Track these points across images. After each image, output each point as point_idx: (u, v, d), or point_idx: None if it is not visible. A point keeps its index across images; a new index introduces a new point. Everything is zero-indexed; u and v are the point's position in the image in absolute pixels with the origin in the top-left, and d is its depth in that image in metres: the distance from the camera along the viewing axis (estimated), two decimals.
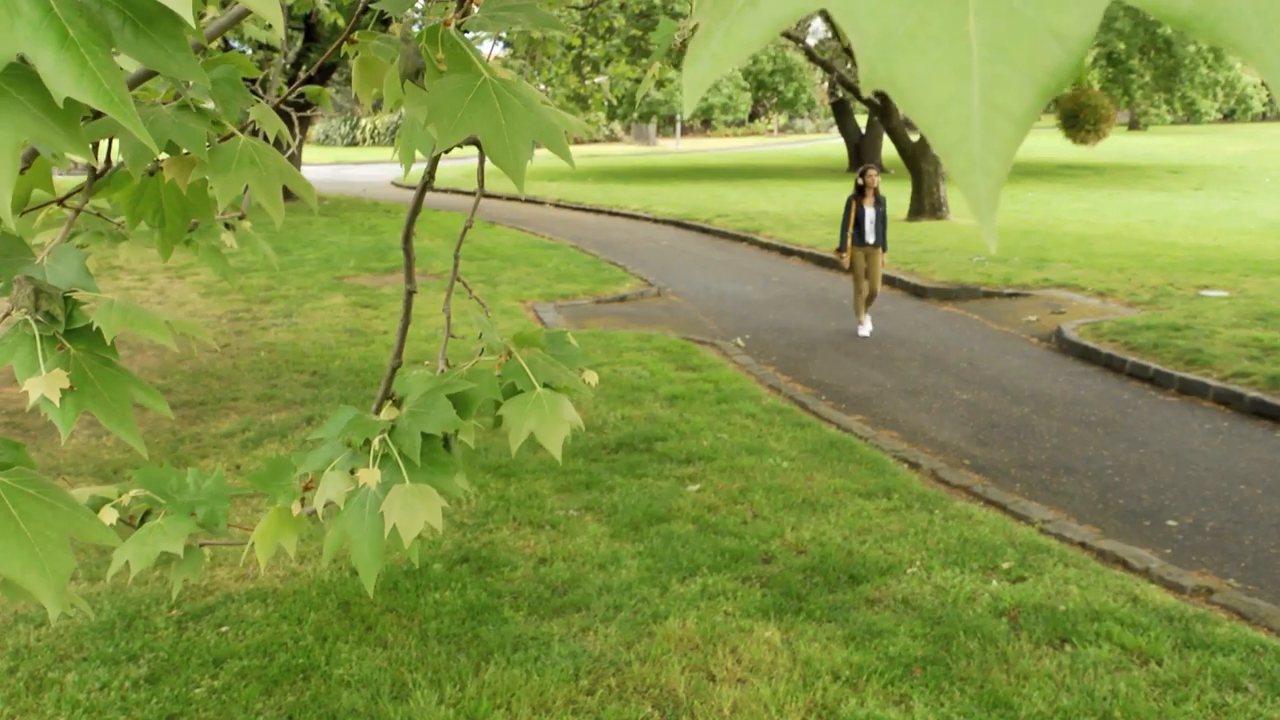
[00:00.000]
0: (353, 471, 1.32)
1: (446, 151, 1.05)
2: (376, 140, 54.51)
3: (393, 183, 31.47)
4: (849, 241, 10.53)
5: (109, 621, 4.53)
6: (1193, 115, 28.80)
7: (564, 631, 4.46)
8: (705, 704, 3.91)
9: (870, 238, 10.51)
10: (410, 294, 1.42)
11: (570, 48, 10.19)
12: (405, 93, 1.17)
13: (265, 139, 1.36)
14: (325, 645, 4.33)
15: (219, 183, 1.15)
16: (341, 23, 8.06)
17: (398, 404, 1.42)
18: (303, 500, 1.38)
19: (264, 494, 1.42)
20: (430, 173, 1.34)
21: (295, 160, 23.42)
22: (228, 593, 4.81)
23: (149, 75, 1.19)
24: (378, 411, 1.44)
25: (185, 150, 1.25)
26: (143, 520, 1.46)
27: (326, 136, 55.64)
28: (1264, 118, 56.41)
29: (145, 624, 4.52)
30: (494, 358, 1.40)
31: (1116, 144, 43.84)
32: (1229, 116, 46.24)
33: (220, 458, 6.66)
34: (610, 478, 6.31)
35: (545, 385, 1.33)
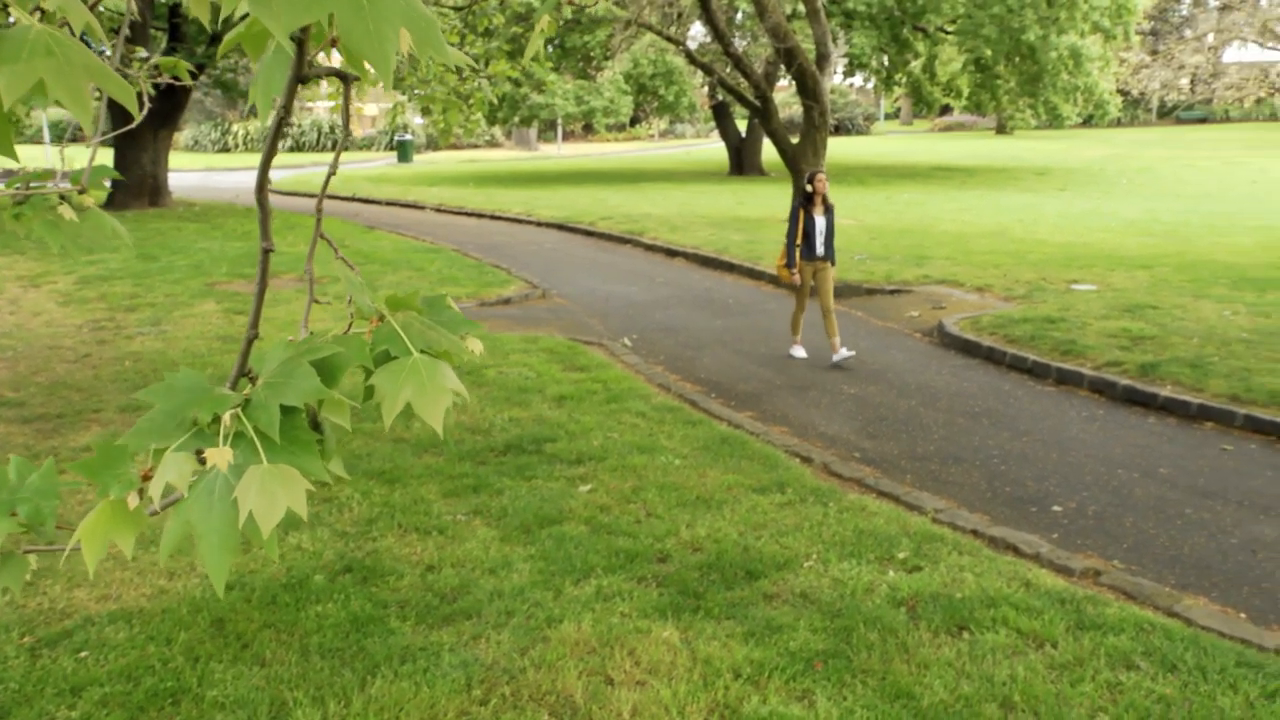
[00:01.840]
0: (199, 453, 1.13)
1: (307, 65, 0.88)
2: (249, 146, 52.89)
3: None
4: (798, 256, 9.46)
5: None
6: (1055, 120, 29.84)
7: (454, 640, 4.26)
8: (604, 708, 3.76)
9: (821, 250, 9.49)
10: (267, 252, 1.24)
11: (451, 44, 9.93)
12: None
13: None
14: (197, 666, 4.04)
15: (5, 75, 0.95)
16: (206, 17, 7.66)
17: (255, 380, 1.24)
18: (141, 491, 1.19)
19: (96, 486, 1.22)
20: (286, 107, 1.16)
21: (162, 158, 22.39)
22: (87, 615, 4.46)
23: None
24: (233, 388, 1.25)
25: None
26: None
27: (196, 142, 53.71)
28: (1119, 123, 58.94)
29: None
30: (365, 324, 1.23)
31: (986, 147, 45.31)
32: (1088, 121, 48.09)
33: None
34: (499, 480, 6.11)
35: (423, 351, 1.16)
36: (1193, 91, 55.64)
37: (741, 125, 34.98)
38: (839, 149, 36.93)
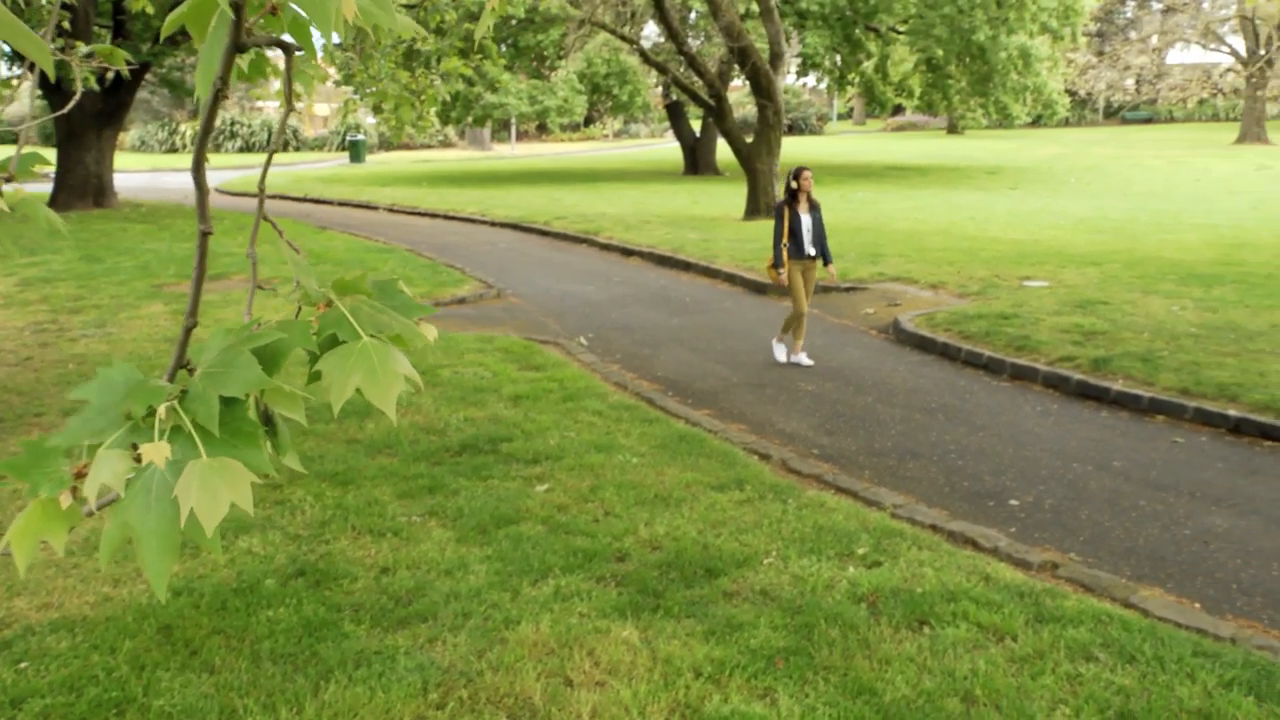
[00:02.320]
0: (135, 449, 1.06)
1: (246, 33, 0.81)
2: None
3: (216, 188, 30.07)
4: (785, 255, 9.12)
5: None
6: (1005, 119, 30.18)
7: (410, 643, 4.18)
8: (563, 710, 3.70)
9: (810, 249, 9.19)
10: (205, 235, 1.17)
11: (401, 40, 9.81)
12: None
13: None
14: (143, 675, 3.92)
15: None
16: (151, 9, 7.51)
17: (193, 372, 1.17)
18: (75, 489, 1.11)
19: (25, 485, 1.14)
20: (223, 78, 1.09)
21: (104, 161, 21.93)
22: (28, 624, 4.33)
23: None
24: (171, 380, 1.18)
25: None
26: None
27: (143, 143, 52.78)
28: (1067, 123, 59.80)
29: None
30: (313, 311, 1.16)
31: (938, 146, 45.75)
32: (1037, 121, 48.74)
33: None
34: (454, 481, 6.02)
35: (373, 336, 1.10)
36: (1138, 92, 56.68)
37: (696, 125, 35.02)
38: (792, 149, 37.06)
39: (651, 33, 33.76)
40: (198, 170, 1.16)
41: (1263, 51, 46.36)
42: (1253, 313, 10.40)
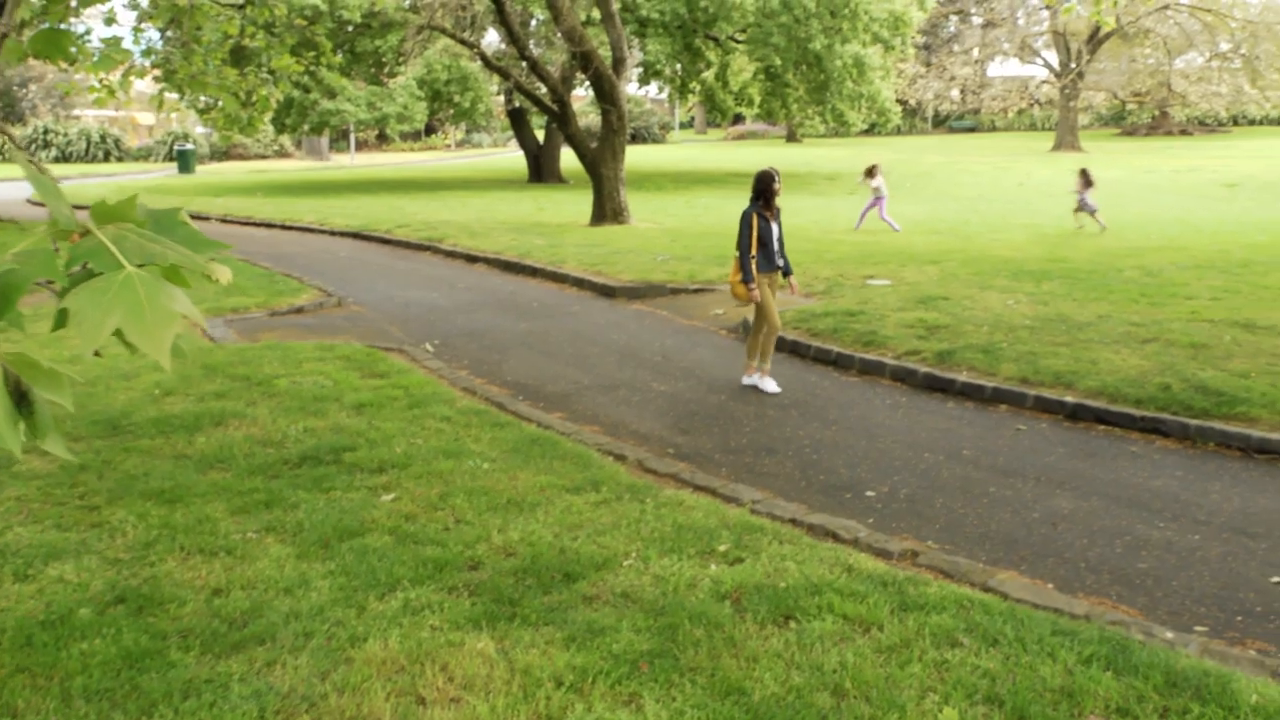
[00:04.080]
0: None
1: None
2: (5, 156, 48.94)
3: (28, 200, 28.24)
4: (754, 268, 8.24)
5: None
6: (842, 126, 30.99)
7: (245, 669, 3.83)
8: None
9: (780, 260, 8.46)
10: None
11: (228, 36, 9.28)
12: None
13: None
14: None
15: None
16: None
17: None
18: None
19: None
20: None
21: None
22: None
23: None
24: None
25: None
26: None
27: None
28: (899, 131, 62.07)
29: None
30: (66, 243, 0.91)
31: (778, 154, 46.73)
32: (872, 129, 50.42)
33: None
34: (294, 494, 5.64)
35: (143, 268, 0.86)
36: (963, 102, 59.27)
37: (540, 134, 34.77)
38: (636, 157, 37.19)
39: (493, 39, 33.37)
40: None
41: (1074, 65, 49.07)
42: (1080, 305, 10.82)
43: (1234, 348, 8.70)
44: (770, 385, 8.32)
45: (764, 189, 8.39)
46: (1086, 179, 18.40)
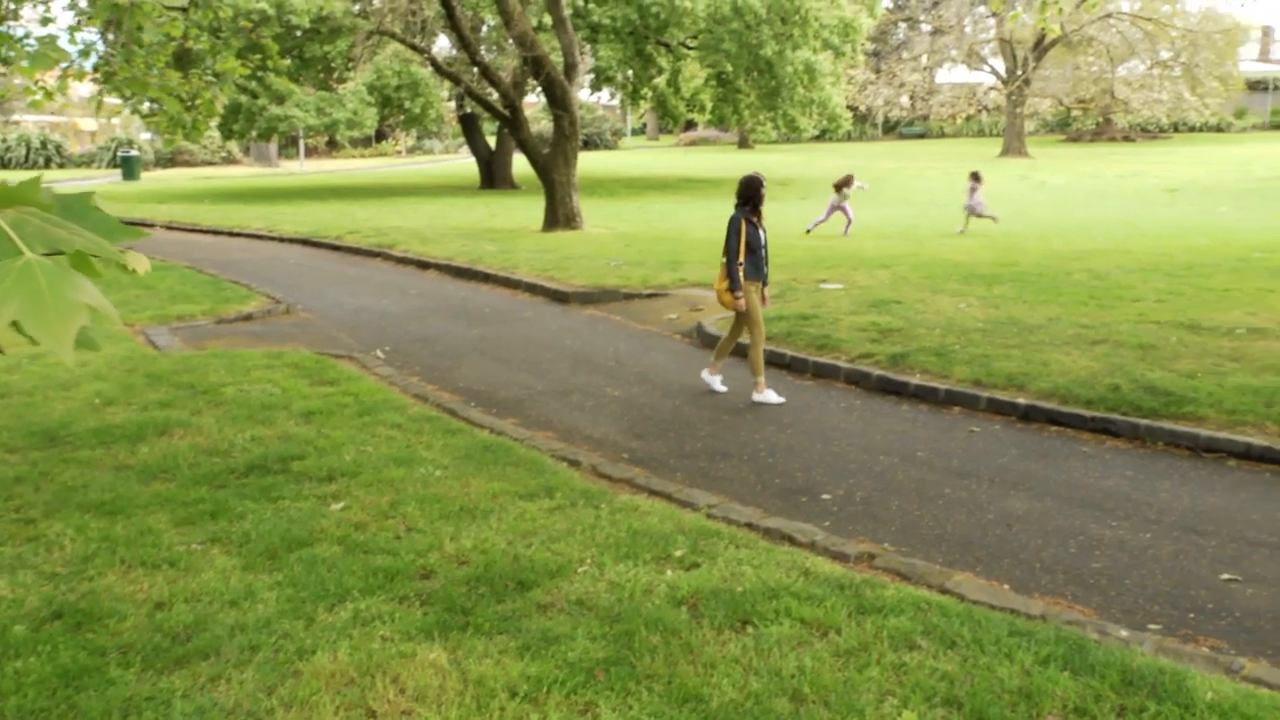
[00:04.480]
0: None
1: None
2: None
3: None
4: (742, 276, 8.03)
5: None
6: (793, 132, 31.15)
7: (188, 685, 3.71)
8: None
9: (766, 267, 8.27)
10: None
11: (170, 38, 9.08)
12: None
13: None
14: None
15: None
16: None
17: None
18: None
19: None
20: None
21: None
22: None
23: None
24: None
25: None
26: None
27: None
28: (850, 137, 62.52)
29: None
30: None
31: (730, 160, 46.85)
32: (823, 135, 50.73)
33: None
34: (240, 504, 5.51)
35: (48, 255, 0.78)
36: (913, 108, 59.86)
37: (492, 140, 34.59)
38: (588, 163, 37.12)
39: (444, 45, 33.15)
40: None
41: (1020, 72, 49.77)
42: (1030, 307, 10.91)
43: (1180, 348, 8.81)
44: (772, 396, 8.13)
45: (752, 194, 8.18)
46: (977, 179, 19.20)
